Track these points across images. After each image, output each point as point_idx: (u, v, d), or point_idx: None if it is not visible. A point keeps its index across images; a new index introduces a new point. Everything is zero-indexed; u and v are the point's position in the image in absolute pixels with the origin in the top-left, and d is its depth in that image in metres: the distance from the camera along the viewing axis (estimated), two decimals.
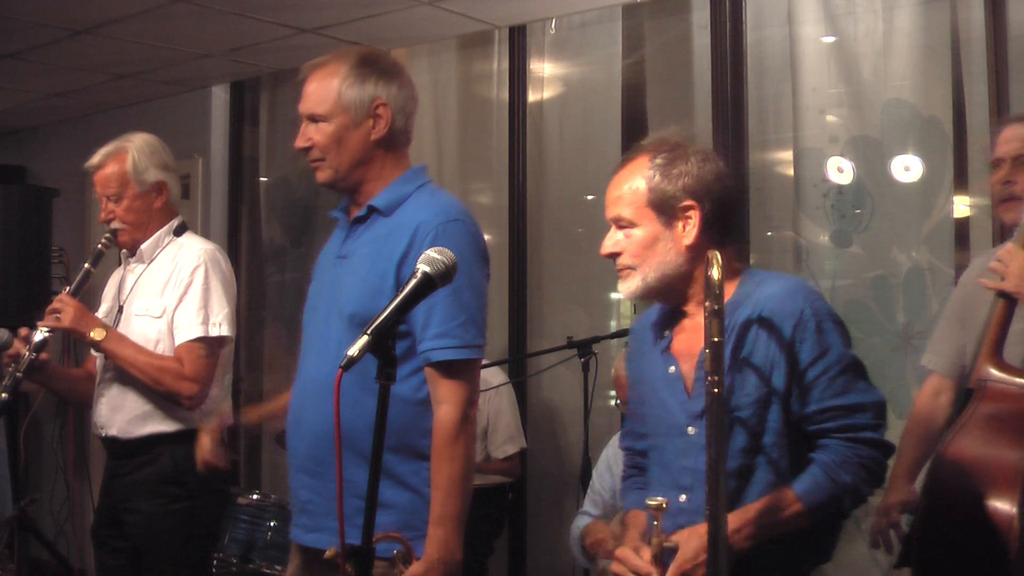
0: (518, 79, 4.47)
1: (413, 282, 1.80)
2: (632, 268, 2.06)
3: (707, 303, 1.85)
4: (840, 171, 3.68)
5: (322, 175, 2.33)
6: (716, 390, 1.84)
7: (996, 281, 2.30)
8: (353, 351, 1.70)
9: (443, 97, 4.81)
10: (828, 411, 1.99)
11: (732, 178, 2.12)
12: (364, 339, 1.72)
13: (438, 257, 1.81)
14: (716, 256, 1.88)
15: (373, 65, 2.31)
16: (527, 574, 4.39)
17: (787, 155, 3.84)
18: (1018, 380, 2.16)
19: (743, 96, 3.84)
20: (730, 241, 2.10)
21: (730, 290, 2.06)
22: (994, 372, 2.19)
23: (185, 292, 2.95)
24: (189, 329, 2.93)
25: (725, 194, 2.07)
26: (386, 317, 1.75)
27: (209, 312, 2.95)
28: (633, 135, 4.27)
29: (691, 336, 2.09)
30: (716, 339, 1.84)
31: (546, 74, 4.52)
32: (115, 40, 4.51)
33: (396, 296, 1.79)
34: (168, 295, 2.97)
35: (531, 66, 4.49)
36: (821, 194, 3.70)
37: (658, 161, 2.05)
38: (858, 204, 3.64)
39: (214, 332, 2.95)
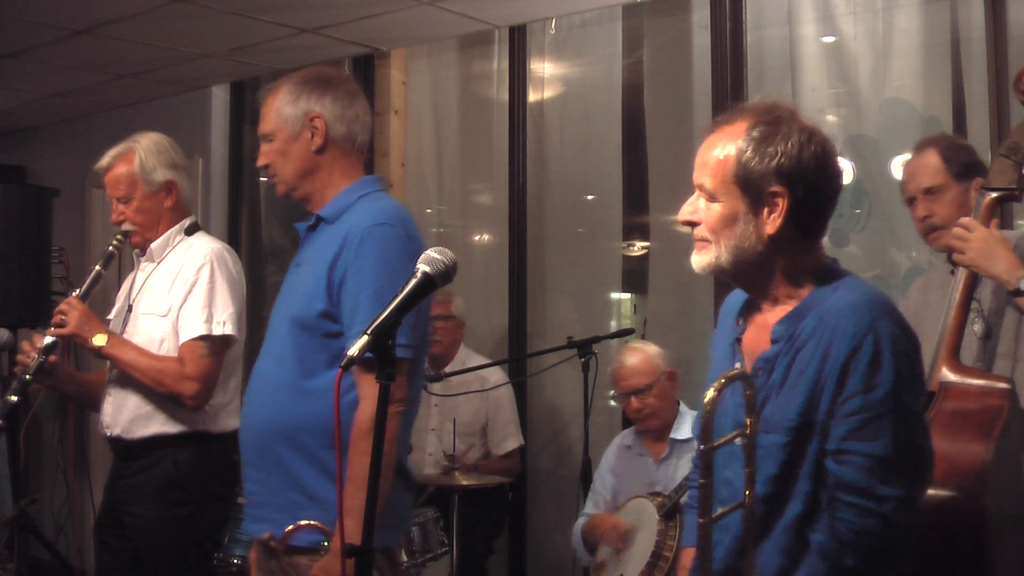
0: (518, 79, 4.47)
1: (413, 282, 1.81)
2: (707, 241, 1.84)
3: (701, 446, 1.64)
4: None
5: (278, 188, 2.49)
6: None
7: (958, 254, 2.38)
8: (353, 351, 1.72)
9: (443, 97, 4.81)
10: (846, 453, 1.71)
11: (835, 165, 1.85)
12: (364, 339, 1.72)
13: (438, 257, 1.82)
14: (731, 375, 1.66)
15: (308, 82, 2.47)
16: (527, 574, 4.40)
17: None
18: (976, 381, 2.25)
19: (743, 96, 3.83)
20: (818, 234, 1.86)
21: (804, 292, 1.83)
22: (953, 375, 2.27)
23: (190, 290, 2.93)
24: (192, 328, 2.91)
25: (824, 182, 1.82)
26: (386, 317, 1.75)
27: (213, 311, 2.92)
28: (633, 135, 4.28)
29: (759, 333, 1.89)
30: (703, 481, 1.65)
31: (546, 74, 4.53)
32: (115, 40, 4.51)
33: (396, 296, 1.79)
34: (174, 293, 2.95)
35: (531, 66, 4.49)
36: None
37: (755, 133, 1.79)
38: (856, 204, 3.64)
39: (218, 331, 2.91)
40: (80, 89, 5.40)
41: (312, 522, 2.18)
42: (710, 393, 1.64)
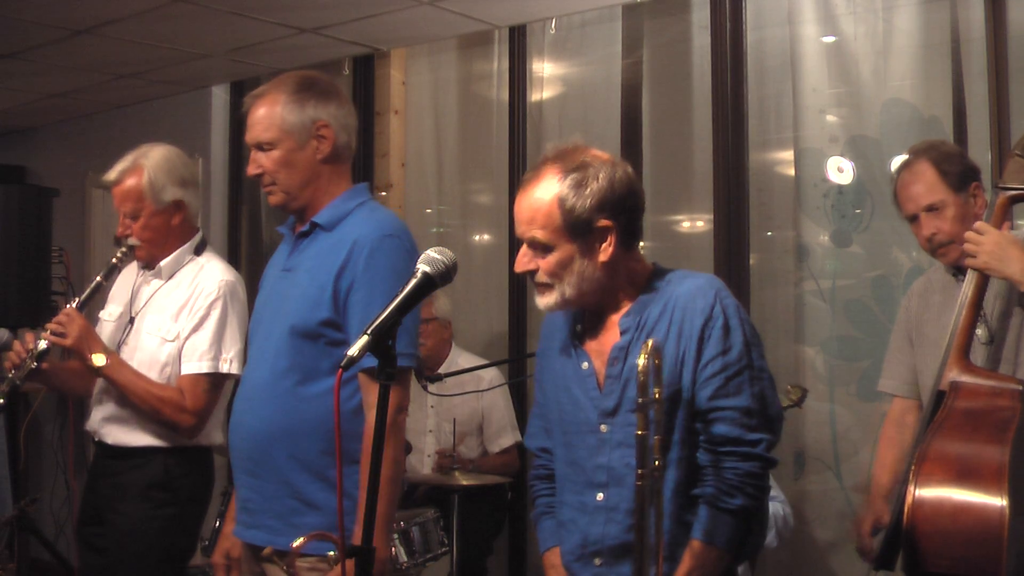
0: (518, 79, 4.47)
1: (413, 282, 1.81)
2: (549, 285, 2.05)
3: (639, 399, 1.83)
4: (840, 171, 3.68)
5: (274, 199, 2.45)
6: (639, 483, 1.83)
7: (971, 259, 2.36)
8: (353, 351, 1.71)
9: (443, 97, 4.81)
10: (716, 411, 1.98)
11: (638, 181, 2.09)
12: (364, 339, 1.72)
13: (438, 257, 1.82)
14: (648, 345, 1.85)
15: (310, 88, 2.41)
16: (527, 574, 4.39)
17: (787, 155, 3.84)
18: (987, 381, 2.23)
19: (743, 96, 3.84)
20: (638, 241, 2.10)
21: (641, 290, 2.08)
22: (964, 376, 2.25)
23: (200, 323, 2.91)
24: (198, 362, 2.89)
25: (636, 199, 2.06)
26: (386, 317, 1.75)
27: (221, 348, 2.91)
28: (632, 135, 4.28)
29: (604, 332, 2.10)
30: (640, 432, 1.82)
31: (546, 74, 4.52)
32: (115, 40, 4.51)
33: (396, 296, 1.79)
34: (183, 321, 2.92)
35: (531, 66, 4.49)
36: (821, 194, 3.69)
37: (569, 181, 2.00)
38: (858, 204, 3.64)
39: (223, 368, 2.91)
40: (80, 89, 5.40)
41: (325, 533, 2.14)
42: (641, 360, 1.83)
